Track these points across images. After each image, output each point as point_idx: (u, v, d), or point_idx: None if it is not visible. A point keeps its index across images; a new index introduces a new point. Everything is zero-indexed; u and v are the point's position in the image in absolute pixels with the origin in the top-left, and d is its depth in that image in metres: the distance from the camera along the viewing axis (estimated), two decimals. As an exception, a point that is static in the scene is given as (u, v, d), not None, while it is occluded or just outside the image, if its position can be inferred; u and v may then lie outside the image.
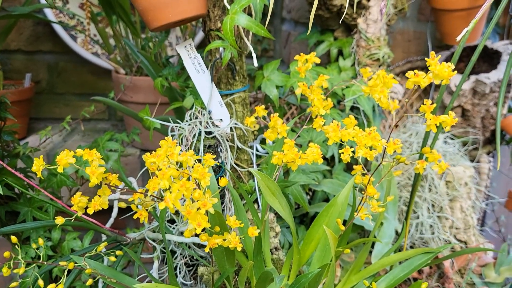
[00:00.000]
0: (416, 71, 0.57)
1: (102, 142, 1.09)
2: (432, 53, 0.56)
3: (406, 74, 0.57)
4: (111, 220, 0.89)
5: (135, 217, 0.64)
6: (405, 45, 1.42)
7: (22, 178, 0.81)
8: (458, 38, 0.63)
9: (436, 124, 0.58)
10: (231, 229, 0.65)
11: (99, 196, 0.64)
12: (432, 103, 0.61)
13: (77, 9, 1.46)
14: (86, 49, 1.46)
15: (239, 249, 0.62)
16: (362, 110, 1.00)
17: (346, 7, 0.88)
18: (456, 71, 0.54)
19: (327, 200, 1.06)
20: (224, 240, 0.61)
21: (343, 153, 0.67)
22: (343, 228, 0.65)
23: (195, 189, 0.53)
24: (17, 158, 0.98)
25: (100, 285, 0.88)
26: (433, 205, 1.13)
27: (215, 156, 0.64)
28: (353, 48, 1.08)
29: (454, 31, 1.14)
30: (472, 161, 1.32)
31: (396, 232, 1.11)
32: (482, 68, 1.30)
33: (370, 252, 0.99)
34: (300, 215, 1.01)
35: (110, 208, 0.94)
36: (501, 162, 1.50)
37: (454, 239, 1.14)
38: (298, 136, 0.97)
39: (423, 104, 0.62)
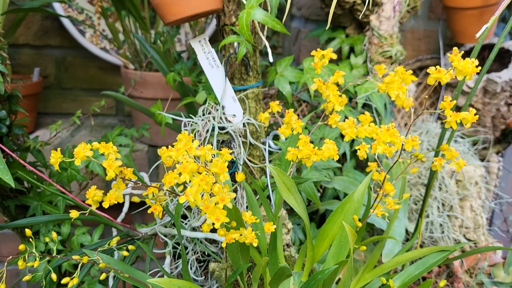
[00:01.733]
0: (437, 67, 0.56)
1: (112, 137, 1.09)
2: (454, 48, 0.55)
3: (428, 70, 0.57)
4: (122, 215, 0.89)
5: (149, 211, 0.64)
6: (415, 44, 1.42)
7: (34, 171, 0.80)
8: (478, 34, 0.63)
9: (456, 121, 0.58)
10: (246, 224, 0.65)
11: (114, 190, 0.63)
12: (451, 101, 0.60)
13: (86, 4, 1.46)
14: (95, 44, 1.45)
15: (255, 244, 0.62)
16: (374, 107, 0.99)
17: (365, 5, 0.88)
18: (480, 67, 0.54)
19: (337, 197, 1.06)
20: (241, 235, 0.60)
21: (359, 149, 0.66)
22: (359, 224, 0.65)
23: (214, 183, 0.53)
24: (27, 152, 0.98)
25: (110, 280, 0.87)
26: (443, 204, 1.12)
27: (231, 151, 0.64)
28: (365, 45, 1.07)
29: (466, 29, 1.14)
30: (482, 160, 1.32)
31: (406, 231, 1.11)
32: (492, 67, 1.29)
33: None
34: (309, 212, 1.01)
35: (119, 203, 0.94)
36: (510, 161, 1.50)
37: (464, 239, 1.14)
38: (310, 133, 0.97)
39: (435, 102, 0.62)
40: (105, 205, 0.62)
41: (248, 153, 0.87)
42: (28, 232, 0.67)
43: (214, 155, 0.61)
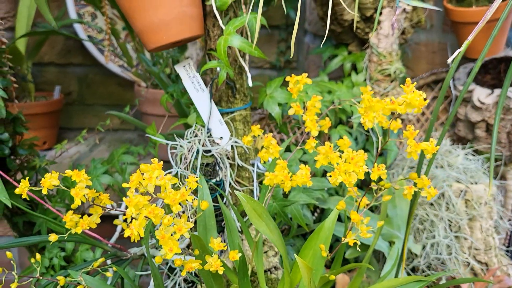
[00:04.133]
0: (392, 97, 0.55)
1: (118, 155, 1.12)
2: (408, 79, 0.54)
3: (382, 101, 0.56)
4: (116, 235, 0.91)
5: (125, 235, 0.65)
6: (430, 57, 1.38)
7: (29, 194, 0.84)
8: (449, 60, 0.61)
9: (418, 152, 0.56)
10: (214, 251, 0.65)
11: (89, 215, 0.66)
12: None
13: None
14: (109, 61, 1.50)
15: (221, 272, 0.62)
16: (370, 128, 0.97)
17: (356, 22, 0.87)
18: (427, 100, 0.52)
19: (339, 218, 1.04)
20: (204, 263, 0.61)
21: (330, 176, 0.66)
22: (325, 254, 0.64)
23: (167, 214, 0.54)
24: (34, 171, 1.02)
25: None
26: (450, 225, 1.09)
27: (208, 174, 0.65)
28: (365, 62, 1.05)
29: (474, 44, 1.09)
30: (495, 178, 1.26)
31: (410, 251, 1.08)
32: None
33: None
34: (305, 233, 1.00)
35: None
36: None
37: (474, 261, 1.09)
38: (305, 153, 0.96)
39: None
40: (78, 230, 0.64)
41: (236, 175, 0.87)
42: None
43: (180, 183, 0.62)
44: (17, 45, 1.36)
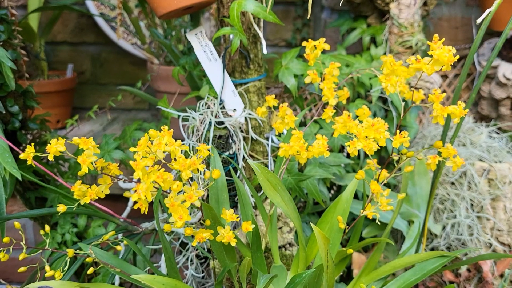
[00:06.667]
0: (418, 56, 0.51)
1: (130, 131, 1.10)
2: (435, 36, 0.50)
3: (407, 60, 0.52)
4: (128, 209, 0.90)
5: (135, 207, 0.63)
6: (452, 33, 1.33)
7: (40, 167, 0.82)
8: (479, 20, 0.57)
9: (444, 116, 0.53)
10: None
11: (97, 185, 0.63)
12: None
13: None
14: (122, 39, 1.47)
15: (233, 244, 0.60)
16: (390, 101, 0.93)
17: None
18: (458, 56, 0.49)
19: (355, 195, 1.01)
20: (215, 234, 0.58)
21: (349, 146, 0.62)
22: (343, 226, 0.61)
23: (176, 180, 0.51)
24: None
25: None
26: (471, 205, 1.05)
27: (221, 147, 0.62)
28: (385, 35, 1.01)
29: (501, 15, 1.05)
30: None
31: (430, 231, 1.04)
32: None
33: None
34: (322, 210, 0.97)
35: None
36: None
37: (496, 242, 1.05)
38: (321, 128, 0.93)
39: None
40: (86, 200, 0.62)
41: (250, 149, 0.85)
42: (47, 228, 0.70)
43: (190, 150, 0.59)
44: (30, 22, 1.34)
